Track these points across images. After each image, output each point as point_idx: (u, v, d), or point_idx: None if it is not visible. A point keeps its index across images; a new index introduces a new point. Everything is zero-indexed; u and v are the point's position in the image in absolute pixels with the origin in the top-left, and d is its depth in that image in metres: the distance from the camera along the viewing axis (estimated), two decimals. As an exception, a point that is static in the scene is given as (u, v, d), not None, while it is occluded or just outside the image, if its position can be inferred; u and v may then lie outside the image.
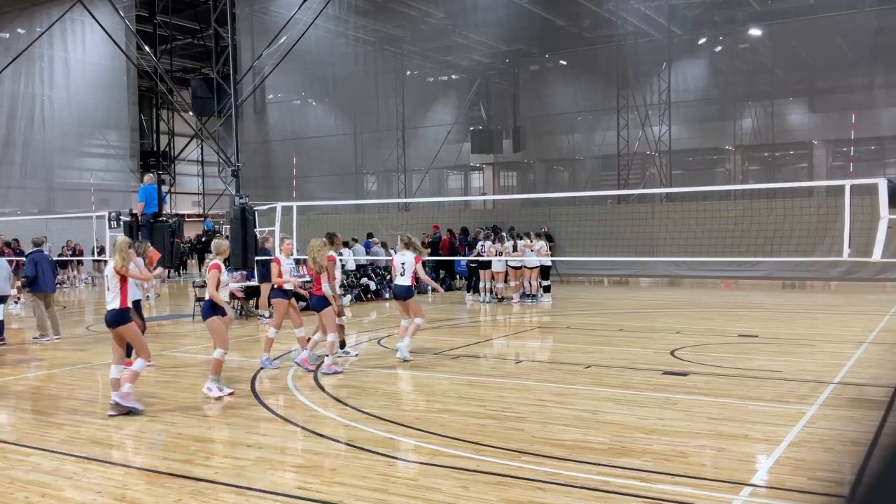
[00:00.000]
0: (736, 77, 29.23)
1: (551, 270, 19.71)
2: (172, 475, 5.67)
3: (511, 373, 9.76)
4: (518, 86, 35.24)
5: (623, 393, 8.15)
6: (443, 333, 12.59)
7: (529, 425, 6.90)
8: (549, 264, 19.07)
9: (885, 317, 14.51)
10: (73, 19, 27.69)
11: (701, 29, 29.01)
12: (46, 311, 12.93)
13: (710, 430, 6.63)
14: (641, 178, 29.47)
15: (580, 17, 30.12)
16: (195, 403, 8.09)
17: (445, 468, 5.68)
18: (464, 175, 39.39)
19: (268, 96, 33.17)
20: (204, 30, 29.04)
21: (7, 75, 24.74)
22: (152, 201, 14.56)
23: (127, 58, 24.95)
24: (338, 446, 6.32)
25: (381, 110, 33.35)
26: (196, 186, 40.35)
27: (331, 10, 24.90)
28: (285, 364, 10.25)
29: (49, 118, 30.24)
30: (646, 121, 27.94)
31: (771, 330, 12.93)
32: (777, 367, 9.50)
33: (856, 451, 5.36)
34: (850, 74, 26.50)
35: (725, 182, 30.69)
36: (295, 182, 23.44)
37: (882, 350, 10.99)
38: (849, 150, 23.80)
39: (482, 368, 10.08)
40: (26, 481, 5.56)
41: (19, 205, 29.38)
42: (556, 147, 33.11)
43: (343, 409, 7.66)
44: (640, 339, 12.21)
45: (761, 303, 18.21)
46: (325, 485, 5.36)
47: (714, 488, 5.14)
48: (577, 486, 5.31)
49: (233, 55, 20.00)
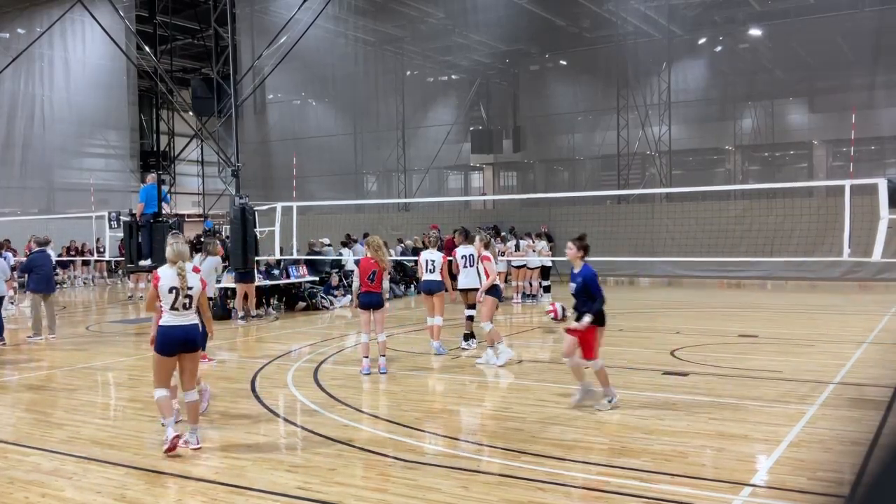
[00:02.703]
0: (736, 77, 29.21)
1: (551, 270, 19.71)
2: (172, 475, 5.67)
3: (511, 373, 9.76)
4: (518, 86, 35.22)
5: (623, 393, 8.14)
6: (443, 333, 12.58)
7: (529, 425, 6.90)
8: (550, 264, 19.07)
9: (885, 317, 14.50)
10: (73, 19, 27.67)
11: (701, 29, 29.00)
12: (45, 310, 12.94)
13: (710, 430, 6.63)
14: (641, 178, 29.44)
15: (580, 17, 30.10)
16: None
17: (445, 468, 5.68)
18: (464, 175, 39.36)
19: (268, 96, 33.15)
20: (204, 30, 29.00)
21: (7, 75, 24.72)
22: (152, 201, 14.55)
23: (127, 58, 24.93)
24: (338, 446, 6.32)
25: (381, 110, 33.33)
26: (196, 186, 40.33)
27: (331, 10, 24.86)
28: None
29: (49, 118, 30.21)
30: (646, 121, 27.93)
31: (771, 330, 12.93)
32: (777, 367, 9.50)
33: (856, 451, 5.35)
34: (850, 74, 26.48)
35: (725, 182, 30.65)
36: (295, 182, 23.45)
37: (882, 350, 10.98)
38: (849, 150, 23.80)
39: (482, 368, 10.08)
40: (26, 481, 5.56)
41: (19, 205, 29.36)
42: (556, 147, 33.09)
43: (343, 409, 7.66)
44: (640, 339, 12.21)
45: (761, 303, 18.21)
46: (325, 485, 5.36)
47: (714, 488, 5.14)
48: (577, 486, 5.31)
49: (233, 55, 20.00)
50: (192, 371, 6.43)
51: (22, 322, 15.80)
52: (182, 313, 6.34)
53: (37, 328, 13.02)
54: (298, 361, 10.58)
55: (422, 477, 5.50)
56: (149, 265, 14.45)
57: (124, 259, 16.40)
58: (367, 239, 9.85)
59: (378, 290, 9.51)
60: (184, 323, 6.33)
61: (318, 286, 18.10)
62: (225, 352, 11.79)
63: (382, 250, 9.56)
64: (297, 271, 17.69)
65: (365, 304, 9.43)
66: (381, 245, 9.64)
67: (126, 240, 14.90)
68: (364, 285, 9.49)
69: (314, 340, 12.62)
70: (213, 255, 10.68)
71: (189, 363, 6.41)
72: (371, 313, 9.45)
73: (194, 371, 6.48)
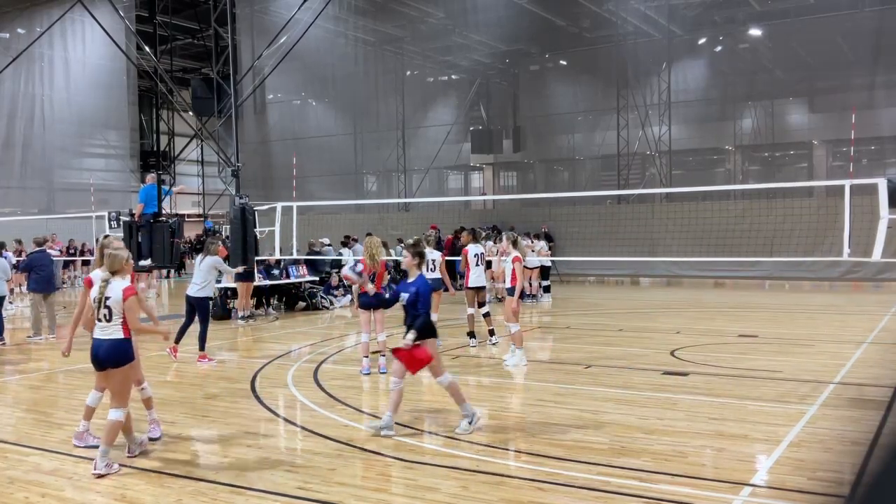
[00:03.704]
0: (736, 77, 29.20)
1: (551, 270, 19.71)
2: (172, 475, 5.67)
3: (511, 373, 9.76)
4: (518, 86, 35.22)
5: (623, 393, 8.15)
6: (443, 334, 12.57)
7: (529, 425, 6.90)
8: (549, 264, 19.08)
9: (885, 317, 14.50)
10: (73, 19, 27.67)
11: (701, 29, 29.00)
12: (46, 310, 12.94)
13: (710, 430, 6.63)
14: (641, 178, 29.44)
15: (580, 17, 30.10)
16: (195, 403, 8.09)
17: (445, 468, 5.68)
18: (464, 175, 39.36)
19: (268, 96, 33.14)
20: (204, 30, 29.01)
21: (7, 75, 24.73)
22: (152, 201, 14.55)
23: (127, 58, 24.95)
24: (338, 446, 6.32)
25: (381, 110, 33.33)
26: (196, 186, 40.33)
27: (331, 10, 24.86)
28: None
29: (49, 118, 30.22)
30: (646, 121, 27.93)
31: (771, 330, 12.93)
32: (777, 367, 9.50)
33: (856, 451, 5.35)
34: (850, 74, 26.47)
35: (725, 182, 30.64)
36: (295, 182, 23.43)
37: (882, 350, 10.98)
38: (849, 150, 23.79)
39: (482, 368, 10.08)
40: (26, 481, 5.56)
41: (19, 205, 29.36)
42: (556, 147, 33.09)
43: (343, 409, 7.66)
44: (640, 339, 12.21)
45: (761, 303, 18.21)
46: (325, 485, 5.36)
47: (714, 488, 5.14)
48: (577, 486, 5.31)
49: (233, 55, 20.01)
50: (112, 389, 5.88)
51: (20, 322, 15.80)
52: (102, 326, 5.86)
53: (37, 328, 13.03)
54: (298, 361, 10.58)
55: (422, 477, 5.50)
56: (149, 265, 14.46)
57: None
58: (366, 241, 9.85)
59: (379, 290, 9.51)
60: (100, 337, 5.86)
61: (318, 286, 18.10)
62: (225, 352, 11.79)
63: (380, 253, 9.56)
64: (297, 271, 17.69)
65: (365, 305, 9.45)
66: (379, 246, 9.63)
67: (126, 240, 14.90)
68: None
69: (314, 340, 12.62)
70: (212, 255, 10.69)
71: (108, 380, 5.93)
72: (371, 313, 9.47)
73: (115, 390, 5.85)
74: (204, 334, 10.54)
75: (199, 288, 10.50)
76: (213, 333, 11.58)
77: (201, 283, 10.51)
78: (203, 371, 10.05)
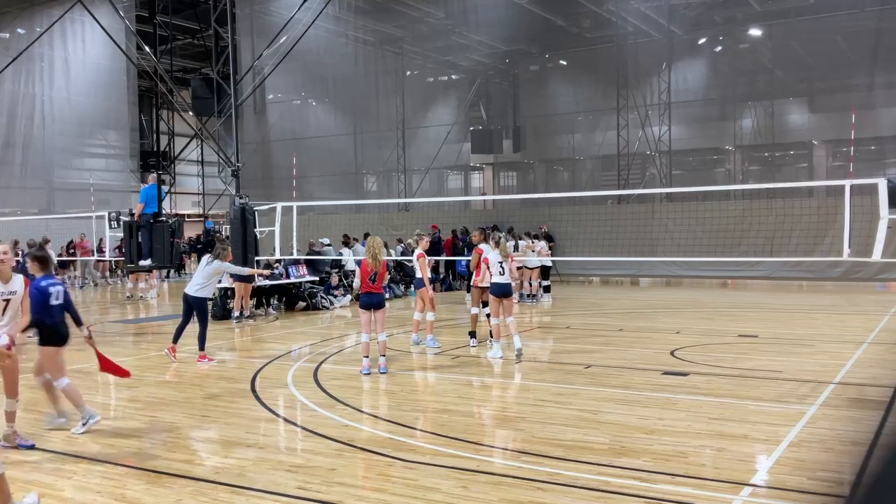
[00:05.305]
0: (736, 77, 29.20)
1: (551, 270, 19.71)
2: (172, 475, 5.67)
3: (511, 373, 9.76)
4: (518, 86, 35.21)
5: (623, 393, 8.15)
6: (443, 334, 12.58)
7: (529, 425, 6.90)
8: (550, 264, 19.07)
9: (885, 317, 14.51)
10: (73, 19, 27.66)
11: (701, 29, 28.99)
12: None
13: (710, 430, 6.63)
14: (641, 178, 29.44)
15: (580, 17, 30.10)
16: (195, 403, 8.09)
17: (445, 468, 5.68)
18: (464, 175, 39.36)
19: (268, 96, 33.14)
20: (204, 30, 29.02)
21: (7, 75, 24.73)
22: (152, 202, 14.56)
23: (127, 58, 24.93)
24: (338, 446, 6.32)
25: (381, 110, 33.33)
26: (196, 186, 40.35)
27: (331, 10, 24.87)
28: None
29: (49, 118, 30.22)
30: (646, 121, 27.93)
31: (771, 330, 12.93)
32: (777, 367, 9.50)
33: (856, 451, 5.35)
34: (850, 74, 26.48)
35: (725, 182, 30.64)
36: (295, 182, 23.43)
37: (882, 350, 10.99)
38: (849, 150, 23.78)
39: (482, 368, 10.08)
40: (26, 481, 5.56)
41: (19, 205, 29.36)
42: (556, 147, 33.09)
43: (343, 409, 7.66)
44: (640, 339, 12.21)
45: (761, 303, 18.20)
46: (325, 485, 5.36)
47: (714, 488, 5.14)
48: (577, 486, 5.31)
49: (233, 55, 19.99)
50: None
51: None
52: None
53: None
54: (298, 361, 10.59)
55: (422, 477, 5.50)
56: (149, 265, 14.46)
57: (124, 259, 16.40)
58: (368, 241, 9.87)
59: (379, 290, 9.57)
60: None
61: (318, 286, 18.10)
62: (225, 352, 11.79)
63: (382, 252, 9.60)
64: (297, 271, 17.69)
65: (366, 305, 9.46)
66: (381, 246, 9.67)
67: (126, 240, 14.91)
68: (365, 286, 9.53)
69: (314, 340, 12.62)
70: (221, 261, 10.75)
71: None
72: (372, 313, 9.48)
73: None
74: (203, 334, 10.55)
75: (198, 288, 10.51)
76: (212, 333, 11.60)
77: (202, 283, 10.53)
78: (203, 371, 10.05)
